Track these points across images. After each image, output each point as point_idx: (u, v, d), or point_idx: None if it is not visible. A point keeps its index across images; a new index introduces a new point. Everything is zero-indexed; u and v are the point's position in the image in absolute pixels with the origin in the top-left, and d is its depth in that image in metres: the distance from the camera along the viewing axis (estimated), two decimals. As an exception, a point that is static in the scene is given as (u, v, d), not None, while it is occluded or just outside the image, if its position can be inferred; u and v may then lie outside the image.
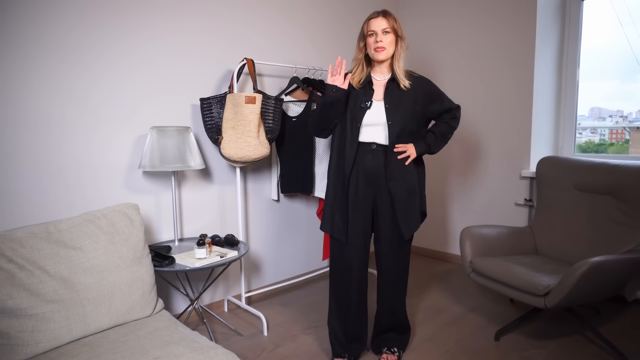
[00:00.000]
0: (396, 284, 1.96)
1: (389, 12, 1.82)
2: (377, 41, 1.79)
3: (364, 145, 1.86)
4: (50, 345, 1.41)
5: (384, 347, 2.01)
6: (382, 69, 1.88)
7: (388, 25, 1.78)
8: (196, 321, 2.42)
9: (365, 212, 1.89)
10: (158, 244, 2.22)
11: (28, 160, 1.88)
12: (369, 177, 1.86)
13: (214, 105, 2.34)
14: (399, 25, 1.82)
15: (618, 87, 2.94)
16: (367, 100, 1.85)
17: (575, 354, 2.03)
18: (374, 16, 1.81)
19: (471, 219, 3.34)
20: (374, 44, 1.79)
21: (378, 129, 1.84)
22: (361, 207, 1.88)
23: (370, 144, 1.85)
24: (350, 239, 1.89)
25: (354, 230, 1.89)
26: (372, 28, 1.80)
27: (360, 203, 1.88)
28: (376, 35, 1.79)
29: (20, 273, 1.42)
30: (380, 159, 1.85)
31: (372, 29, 1.80)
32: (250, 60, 2.40)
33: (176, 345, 1.40)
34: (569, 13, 2.94)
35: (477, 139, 3.25)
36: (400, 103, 1.83)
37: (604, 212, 2.33)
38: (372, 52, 1.82)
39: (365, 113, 1.84)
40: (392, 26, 1.79)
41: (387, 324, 2.01)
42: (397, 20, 1.83)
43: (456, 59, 3.32)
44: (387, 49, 1.80)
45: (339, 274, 1.94)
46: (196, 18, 2.37)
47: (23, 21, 1.82)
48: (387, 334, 2.03)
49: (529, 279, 2.01)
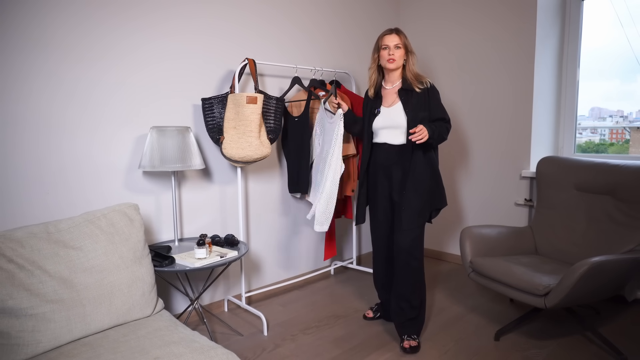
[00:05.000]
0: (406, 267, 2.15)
1: (401, 30, 2.15)
2: (389, 54, 2.11)
3: (378, 145, 2.22)
4: (51, 345, 1.41)
5: (404, 335, 2.14)
6: (392, 78, 2.20)
7: (400, 41, 2.11)
8: (196, 321, 2.42)
9: (385, 203, 2.23)
10: (158, 244, 2.22)
11: (28, 160, 1.88)
12: (383, 172, 2.19)
13: (216, 105, 2.35)
14: (409, 41, 2.15)
15: (618, 87, 2.94)
16: (376, 108, 2.20)
17: (575, 354, 2.03)
18: (387, 33, 2.14)
19: (471, 219, 3.34)
20: (387, 56, 2.11)
21: (389, 132, 2.16)
22: (380, 198, 2.23)
23: (382, 144, 2.19)
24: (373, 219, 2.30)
25: (375, 217, 2.28)
26: (385, 43, 2.12)
27: (379, 195, 2.23)
28: (389, 49, 2.11)
29: (20, 273, 1.42)
30: (392, 156, 2.16)
31: (386, 43, 2.12)
32: (251, 61, 2.40)
33: (176, 345, 1.40)
34: (569, 13, 2.94)
35: (477, 139, 3.25)
36: (415, 107, 2.09)
37: (604, 212, 2.33)
38: (384, 62, 2.14)
39: (375, 119, 2.19)
40: (404, 42, 2.12)
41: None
42: (407, 38, 2.15)
43: (456, 60, 3.32)
44: (397, 61, 2.12)
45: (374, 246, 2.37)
46: (197, 18, 2.37)
47: (23, 22, 1.82)
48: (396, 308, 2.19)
49: (528, 279, 2.01)
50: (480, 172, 3.26)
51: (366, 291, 2.85)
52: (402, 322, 2.15)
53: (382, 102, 2.20)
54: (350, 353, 2.09)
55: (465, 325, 2.36)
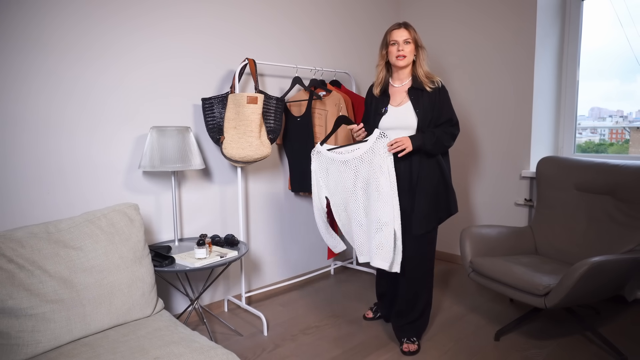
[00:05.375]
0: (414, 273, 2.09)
1: (410, 24, 2.01)
2: (399, 50, 1.97)
3: None
4: (50, 345, 1.41)
5: (403, 337, 2.10)
6: (400, 76, 2.05)
7: (409, 36, 1.97)
8: (196, 321, 2.42)
9: None
10: (158, 244, 2.22)
11: (28, 160, 1.88)
12: None
13: (216, 105, 2.35)
14: (418, 36, 2.01)
15: (618, 87, 2.94)
16: (383, 107, 2.05)
17: (575, 354, 2.03)
18: (395, 27, 2.00)
19: (471, 219, 3.34)
20: (396, 52, 1.97)
21: (397, 132, 2.00)
22: None
23: None
24: None
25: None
26: (394, 38, 1.98)
27: None
28: (398, 45, 1.97)
29: (20, 273, 1.42)
30: (399, 159, 1.98)
31: (395, 38, 1.98)
32: (251, 60, 2.40)
33: (176, 345, 1.40)
34: (569, 13, 2.94)
35: (477, 139, 3.25)
36: (426, 107, 1.98)
37: (604, 212, 2.33)
38: (393, 59, 2.00)
39: (382, 119, 2.04)
40: (413, 37, 1.98)
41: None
42: (417, 32, 2.01)
43: (456, 60, 3.32)
44: (407, 57, 1.98)
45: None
46: (197, 18, 2.37)
47: (22, 21, 1.82)
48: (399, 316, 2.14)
49: (528, 278, 2.01)
50: (480, 172, 3.26)
51: (366, 292, 2.85)
52: (401, 325, 2.12)
53: (390, 101, 2.06)
54: (350, 353, 2.09)
55: (465, 325, 2.36)
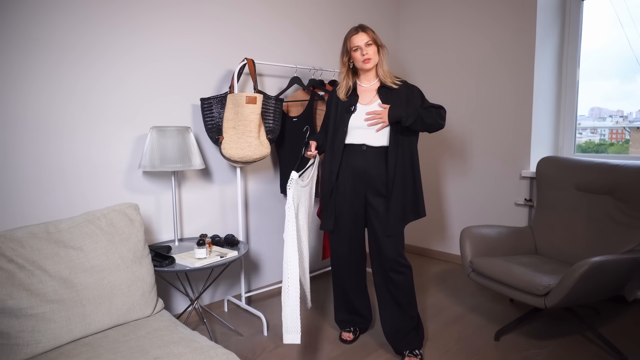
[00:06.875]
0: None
1: (367, 26, 1.97)
2: (363, 54, 1.94)
3: (353, 147, 1.99)
4: (50, 345, 1.41)
5: (405, 350, 2.01)
6: (368, 77, 2.04)
7: (369, 38, 1.94)
8: (196, 321, 2.42)
9: (358, 209, 2.03)
10: (158, 244, 2.22)
11: (28, 160, 1.88)
12: (359, 176, 1.98)
13: (215, 105, 2.35)
14: (377, 36, 1.98)
15: (618, 87, 2.94)
16: (352, 105, 2.00)
17: (575, 354, 2.03)
18: (354, 33, 1.96)
19: (471, 219, 3.33)
20: (361, 57, 1.95)
21: (366, 131, 1.96)
22: (353, 204, 2.03)
23: (360, 145, 1.98)
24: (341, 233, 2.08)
25: (344, 225, 2.06)
26: (355, 43, 1.95)
27: (351, 203, 2.03)
28: (361, 49, 1.94)
29: (20, 273, 1.42)
30: (370, 159, 1.96)
31: (356, 44, 1.95)
32: (250, 61, 2.40)
33: (176, 345, 1.40)
34: (569, 13, 2.94)
35: (477, 138, 3.25)
36: (396, 104, 1.94)
37: (604, 212, 2.33)
38: (360, 64, 1.97)
39: (351, 117, 1.99)
40: (373, 38, 1.95)
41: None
42: (375, 32, 1.98)
43: (456, 60, 3.32)
44: (372, 58, 1.96)
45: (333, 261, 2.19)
46: (196, 18, 2.37)
47: (22, 21, 1.82)
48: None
49: (528, 279, 2.01)
50: (480, 172, 3.26)
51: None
52: (403, 335, 2.01)
53: (359, 100, 2.02)
54: (350, 353, 2.09)
55: (465, 325, 2.36)
